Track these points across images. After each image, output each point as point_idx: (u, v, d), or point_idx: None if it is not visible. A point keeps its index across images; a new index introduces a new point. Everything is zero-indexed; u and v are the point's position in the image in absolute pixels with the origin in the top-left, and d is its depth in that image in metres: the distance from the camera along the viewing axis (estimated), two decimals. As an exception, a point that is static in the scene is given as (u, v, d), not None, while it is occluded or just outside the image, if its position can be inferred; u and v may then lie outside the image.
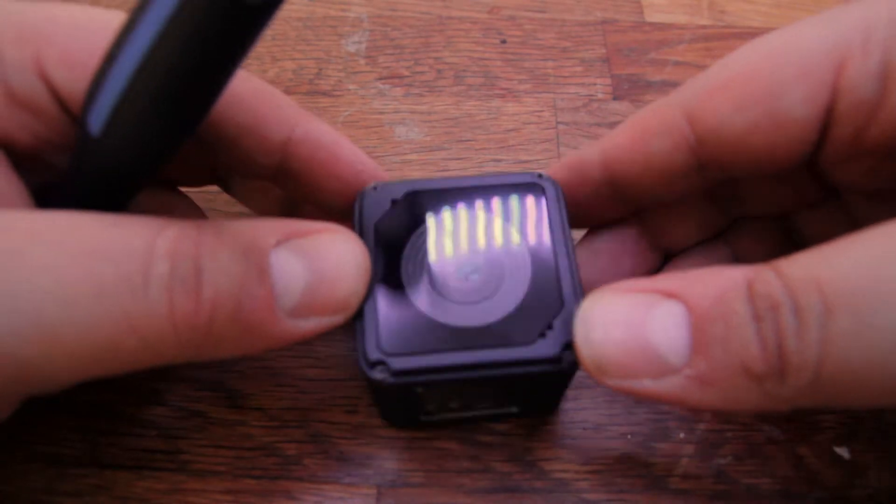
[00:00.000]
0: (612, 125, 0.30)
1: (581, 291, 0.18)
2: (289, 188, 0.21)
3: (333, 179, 0.20)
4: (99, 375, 0.16)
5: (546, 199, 0.20)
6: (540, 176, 0.20)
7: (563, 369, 0.17)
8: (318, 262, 0.17)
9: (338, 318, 0.18)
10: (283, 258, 0.16)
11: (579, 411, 0.22)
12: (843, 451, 0.21)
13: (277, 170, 0.20)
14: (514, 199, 0.20)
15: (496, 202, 0.20)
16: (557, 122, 0.30)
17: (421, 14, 0.34)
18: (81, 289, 0.14)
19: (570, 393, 0.22)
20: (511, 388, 0.19)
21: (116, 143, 0.15)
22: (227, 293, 0.15)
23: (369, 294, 0.18)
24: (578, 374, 0.22)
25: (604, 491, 0.21)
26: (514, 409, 0.21)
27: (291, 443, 0.22)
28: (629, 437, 0.22)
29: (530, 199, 0.20)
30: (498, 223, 0.19)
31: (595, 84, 0.31)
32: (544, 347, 0.17)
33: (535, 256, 0.19)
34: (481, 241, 0.19)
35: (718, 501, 0.21)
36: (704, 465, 0.21)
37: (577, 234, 0.26)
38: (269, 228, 0.17)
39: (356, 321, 0.18)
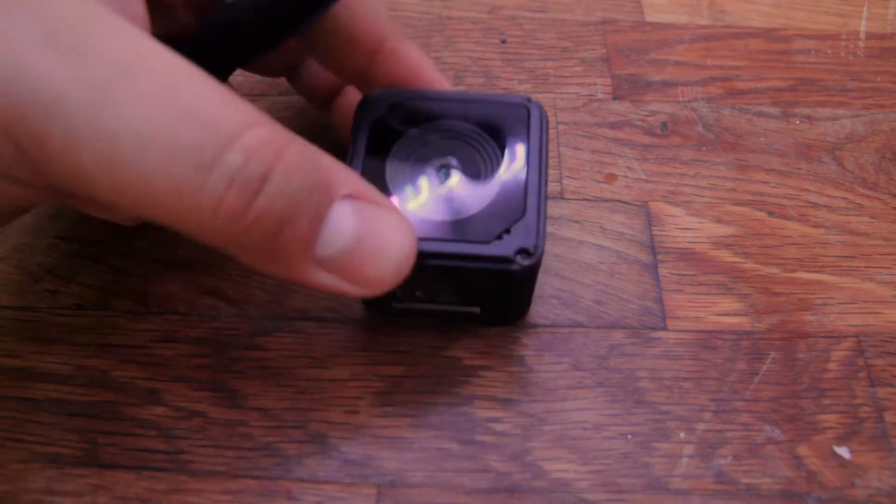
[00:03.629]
0: (613, 125, 0.30)
1: (545, 208, 0.20)
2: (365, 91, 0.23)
3: None
4: (122, 208, 0.17)
5: (530, 120, 0.21)
6: (529, 100, 0.22)
7: (513, 271, 0.18)
8: (369, 232, 0.17)
9: (354, 290, 0.17)
10: (343, 212, 0.17)
11: (579, 411, 0.22)
12: (843, 451, 0.22)
13: (360, 74, 0.22)
14: (500, 117, 0.21)
15: (483, 117, 0.21)
16: (557, 122, 0.30)
17: (421, 14, 0.34)
18: (159, 137, 0.14)
19: (570, 393, 0.22)
20: (467, 284, 0.20)
21: (245, 11, 0.18)
22: (277, 214, 0.15)
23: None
24: (578, 374, 0.22)
25: (604, 491, 0.21)
26: (476, 310, 0.22)
27: (291, 443, 0.22)
28: (629, 437, 0.22)
29: (515, 119, 0.21)
30: (480, 134, 0.21)
31: (595, 84, 0.31)
32: (499, 248, 0.19)
33: (509, 168, 0.20)
34: (462, 148, 0.21)
35: (718, 501, 0.21)
36: (704, 465, 0.21)
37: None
38: (347, 179, 0.17)
39: None
